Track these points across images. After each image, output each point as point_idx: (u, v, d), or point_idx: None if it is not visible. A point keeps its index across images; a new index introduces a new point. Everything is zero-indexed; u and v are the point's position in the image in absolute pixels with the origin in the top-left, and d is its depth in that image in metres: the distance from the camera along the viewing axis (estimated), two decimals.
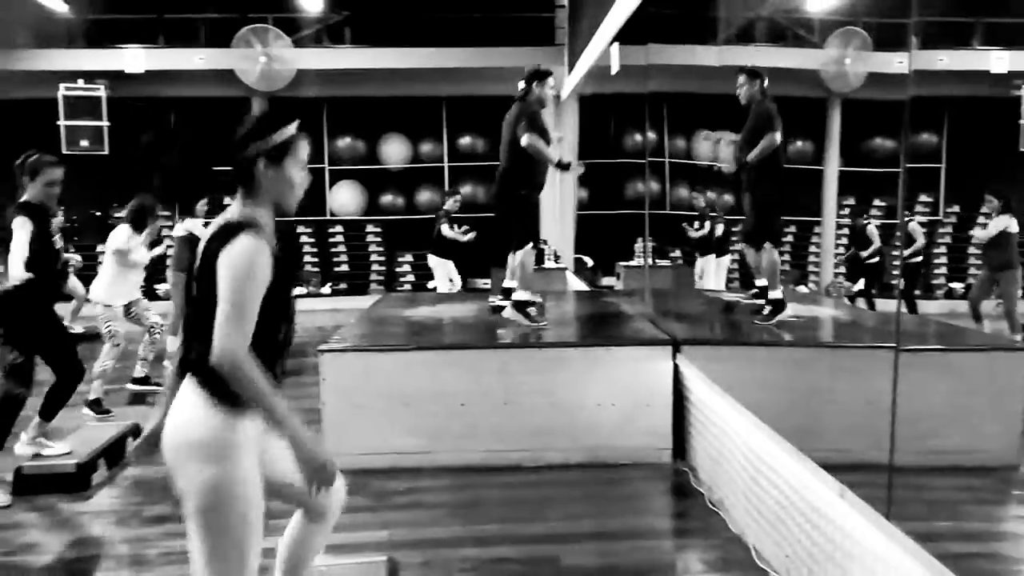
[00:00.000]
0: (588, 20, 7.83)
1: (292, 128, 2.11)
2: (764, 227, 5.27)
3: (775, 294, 5.06)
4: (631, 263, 10.35)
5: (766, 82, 5.22)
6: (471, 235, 8.58)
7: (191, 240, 6.87)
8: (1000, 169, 7.29)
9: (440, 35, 11.72)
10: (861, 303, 8.70)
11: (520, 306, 5.06)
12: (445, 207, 8.77)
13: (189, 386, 1.94)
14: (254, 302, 1.87)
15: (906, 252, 8.78)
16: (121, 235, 5.72)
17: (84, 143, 10.78)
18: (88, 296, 6.15)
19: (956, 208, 11.86)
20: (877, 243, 8.69)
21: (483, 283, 11.09)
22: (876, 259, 8.72)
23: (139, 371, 6.14)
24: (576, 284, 9.65)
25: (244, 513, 1.94)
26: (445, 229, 8.61)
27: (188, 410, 1.93)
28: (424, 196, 12.28)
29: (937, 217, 11.73)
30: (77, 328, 8.00)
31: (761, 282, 5.42)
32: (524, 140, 4.87)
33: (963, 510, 3.71)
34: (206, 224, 6.15)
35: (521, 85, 5.20)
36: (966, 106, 11.25)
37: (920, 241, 9.04)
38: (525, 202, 5.11)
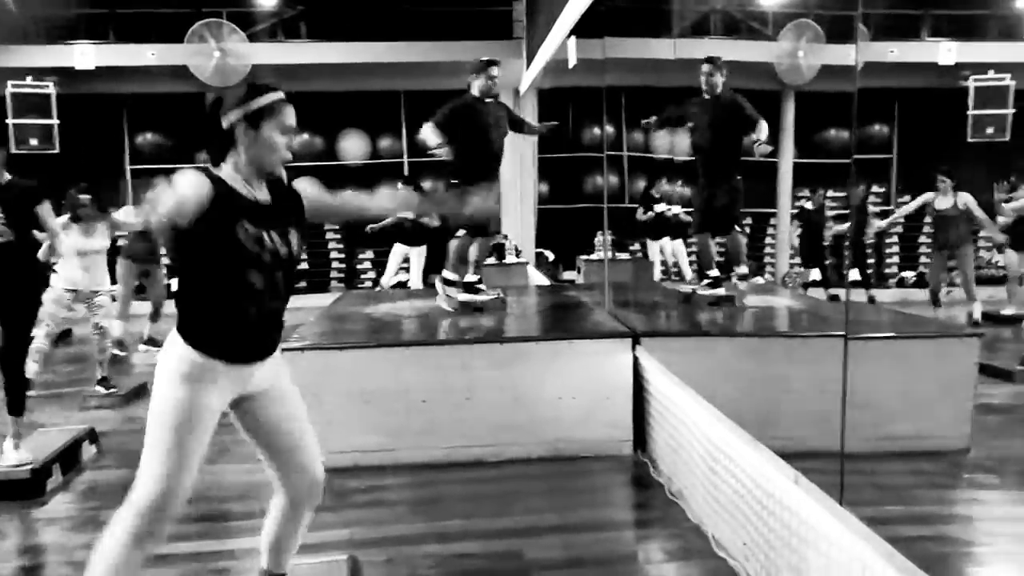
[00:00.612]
0: (545, 14, 7.85)
1: (274, 95, 2.23)
2: (737, 213, 5.64)
3: (744, 269, 5.56)
4: (591, 257, 10.42)
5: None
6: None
7: (143, 231, 6.98)
8: (949, 159, 7.48)
9: (397, 29, 11.65)
10: (813, 292, 8.87)
11: (446, 282, 5.26)
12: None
13: (174, 330, 2.21)
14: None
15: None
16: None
17: (33, 141, 10.52)
18: None
19: (907, 198, 12.08)
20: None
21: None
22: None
23: (99, 373, 6.05)
24: (537, 278, 9.68)
25: (184, 432, 2.16)
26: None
27: (168, 346, 2.21)
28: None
29: (889, 207, 11.97)
30: None
31: (715, 272, 5.54)
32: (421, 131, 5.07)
33: (914, 494, 3.81)
34: None
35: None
36: (916, 97, 11.49)
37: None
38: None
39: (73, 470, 4.34)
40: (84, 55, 10.77)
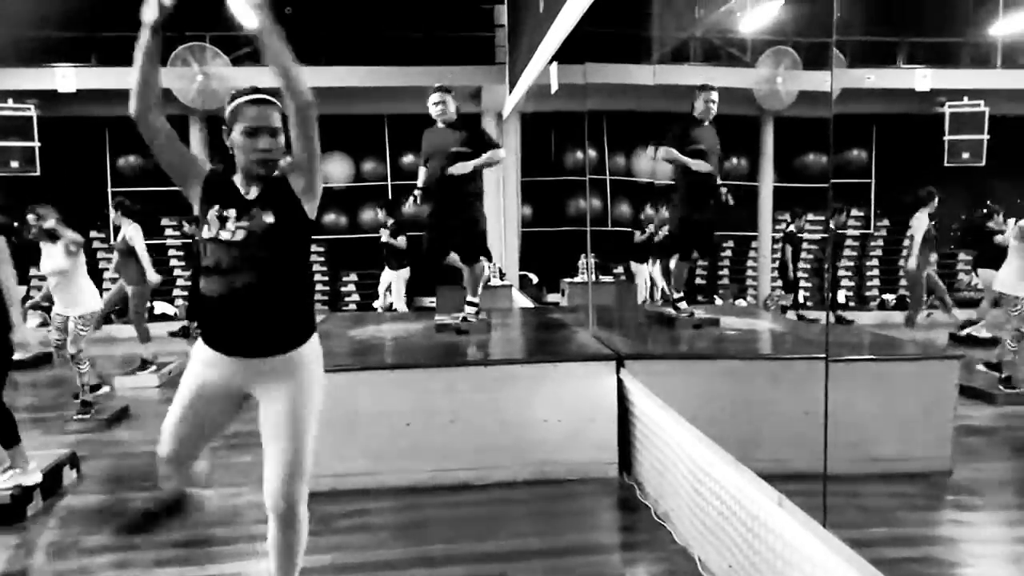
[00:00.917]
0: (527, 40, 7.93)
1: (240, 98, 2.44)
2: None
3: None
4: (575, 279, 10.46)
5: None
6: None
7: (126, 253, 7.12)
8: (927, 184, 7.58)
9: (381, 54, 11.72)
10: (791, 315, 8.93)
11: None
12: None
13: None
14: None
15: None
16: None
17: (14, 164, 10.48)
18: None
19: (886, 222, 12.27)
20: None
21: (429, 302, 11.09)
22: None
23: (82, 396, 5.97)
24: (522, 301, 9.70)
25: (179, 394, 2.54)
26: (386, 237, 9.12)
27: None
28: (367, 215, 12.25)
29: (868, 231, 12.11)
30: None
31: (679, 294, 5.74)
32: None
33: (898, 516, 3.83)
34: None
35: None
36: (894, 123, 11.66)
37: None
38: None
39: (54, 495, 4.29)
40: (66, 78, 10.76)
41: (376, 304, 9.89)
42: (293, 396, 2.43)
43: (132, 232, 7.15)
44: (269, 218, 2.35)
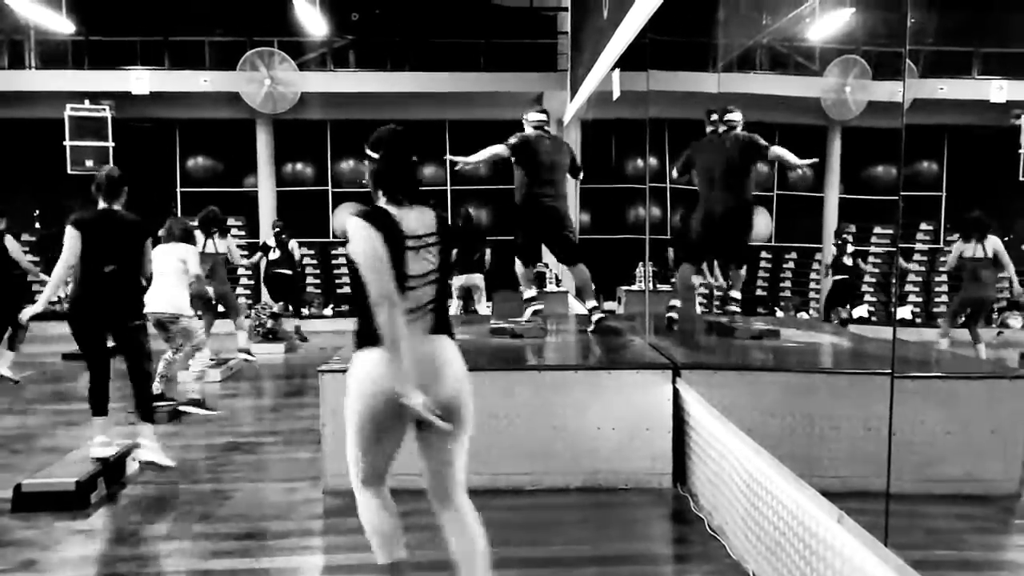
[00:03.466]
0: (590, 47, 7.91)
1: None
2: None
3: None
4: (632, 287, 10.38)
5: None
6: None
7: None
8: (999, 198, 7.34)
9: (444, 60, 11.84)
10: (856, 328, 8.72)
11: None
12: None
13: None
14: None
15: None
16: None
17: (89, 163, 10.86)
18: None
19: (956, 236, 11.88)
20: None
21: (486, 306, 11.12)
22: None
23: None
24: (577, 307, 9.66)
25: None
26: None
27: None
28: None
29: (937, 245, 11.77)
30: None
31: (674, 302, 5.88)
32: None
33: (962, 539, 3.70)
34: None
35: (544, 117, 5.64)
36: (966, 135, 11.33)
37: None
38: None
39: (117, 484, 4.41)
40: (139, 80, 11.12)
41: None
42: None
43: (231, 245, 8.11)
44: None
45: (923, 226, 11.87)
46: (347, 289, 12.47)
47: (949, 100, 10.36)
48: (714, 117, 5.53)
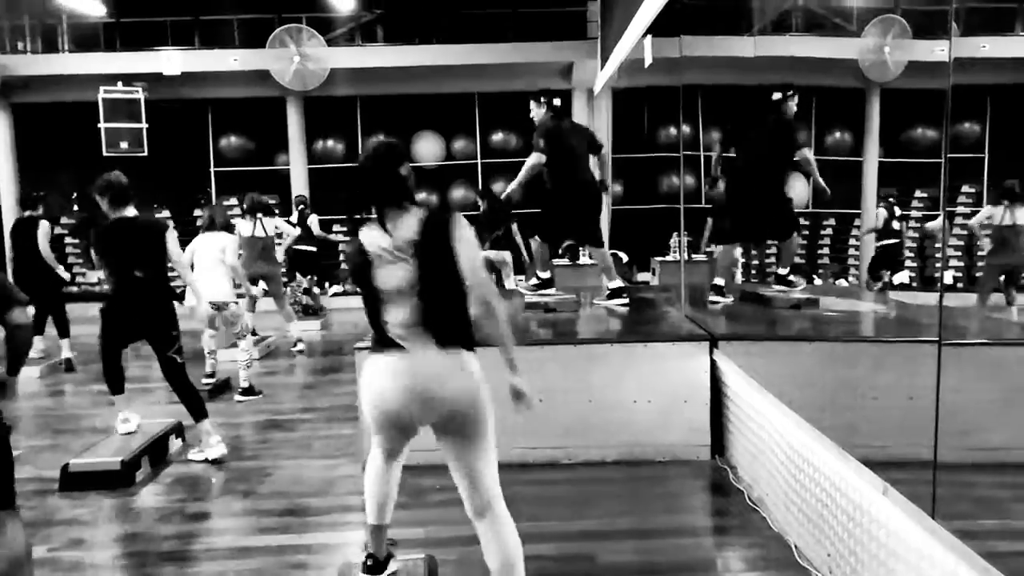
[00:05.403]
0: (620, 13, 7.77)
1: None
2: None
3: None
4: (666, 258, 10.28)
5: None
6: None
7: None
8: None
9: (472, 31, 11.74)
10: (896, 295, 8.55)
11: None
12: None
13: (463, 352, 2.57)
14: None
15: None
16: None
17: (124, 145, 10.96)
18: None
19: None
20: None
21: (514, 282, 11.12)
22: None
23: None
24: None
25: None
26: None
27: (470, 364, 2.60)
28: (458, 193, 12.32)
29: (980, 208, 11.47)
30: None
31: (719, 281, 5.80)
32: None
33: (1010, 508, 3.62)
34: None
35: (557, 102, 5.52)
36: (1010, 94, 10.99)
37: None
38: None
39: (161, 462, 4.49)
40: (171, 60, 11.16)
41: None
42: None
43: (280, 224, 8.21)
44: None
45: (965, 188, 11.58)
46: None
47: (992, 58, 10.05)
48: (777, 96, 5.41)
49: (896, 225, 8.52)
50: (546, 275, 5.74)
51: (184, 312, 4.85)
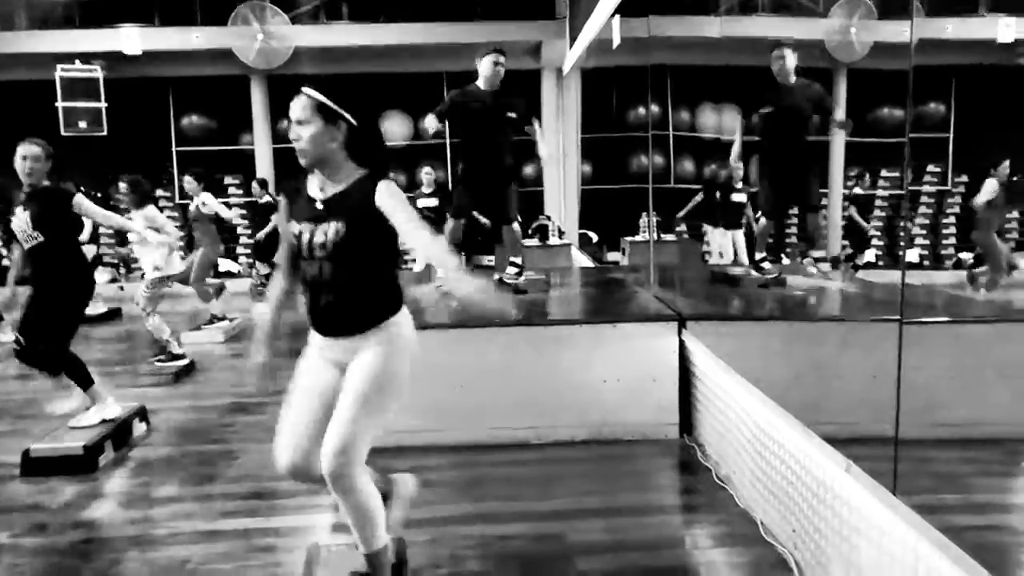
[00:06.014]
0: None
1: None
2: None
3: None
4: (636, 238, 10.31)
5: None
6: None
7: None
8: (1008, 139, 7.22)
9: (440, 10, 11.61)
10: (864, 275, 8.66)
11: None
12: None
13: None
14: None
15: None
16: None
17: (82, 124, 10.73)
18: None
19: (964, 178, 11.77)
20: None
21: (487, 260, 11.06)
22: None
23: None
24: (581, 260, 9.62)
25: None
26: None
27: None
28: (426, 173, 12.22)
29: (945, 187, 11.65)
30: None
31: (761, 254, 5.73)
32: None
33: (970, 482, 3.70)
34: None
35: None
36: (973, 75, 11.12)
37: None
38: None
39: (125, 446, 4.42)
40: (130, 39, 10.92)
41: None
42: (363, 365, 2.53)
43: (208, 199, 7.62)
44: (343, 223, 2.43)
45: (930, 167, 11.74)
46: None
47: (956, 40, 10.15)
48: (780, 55, 5.49)
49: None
50: (518, 259, 5.69)
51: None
